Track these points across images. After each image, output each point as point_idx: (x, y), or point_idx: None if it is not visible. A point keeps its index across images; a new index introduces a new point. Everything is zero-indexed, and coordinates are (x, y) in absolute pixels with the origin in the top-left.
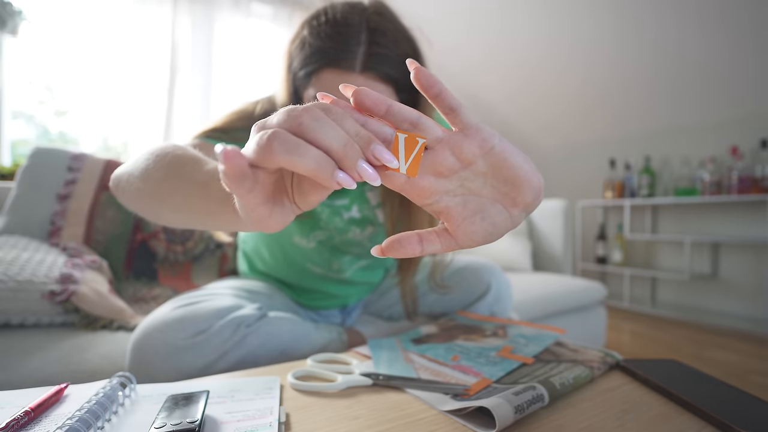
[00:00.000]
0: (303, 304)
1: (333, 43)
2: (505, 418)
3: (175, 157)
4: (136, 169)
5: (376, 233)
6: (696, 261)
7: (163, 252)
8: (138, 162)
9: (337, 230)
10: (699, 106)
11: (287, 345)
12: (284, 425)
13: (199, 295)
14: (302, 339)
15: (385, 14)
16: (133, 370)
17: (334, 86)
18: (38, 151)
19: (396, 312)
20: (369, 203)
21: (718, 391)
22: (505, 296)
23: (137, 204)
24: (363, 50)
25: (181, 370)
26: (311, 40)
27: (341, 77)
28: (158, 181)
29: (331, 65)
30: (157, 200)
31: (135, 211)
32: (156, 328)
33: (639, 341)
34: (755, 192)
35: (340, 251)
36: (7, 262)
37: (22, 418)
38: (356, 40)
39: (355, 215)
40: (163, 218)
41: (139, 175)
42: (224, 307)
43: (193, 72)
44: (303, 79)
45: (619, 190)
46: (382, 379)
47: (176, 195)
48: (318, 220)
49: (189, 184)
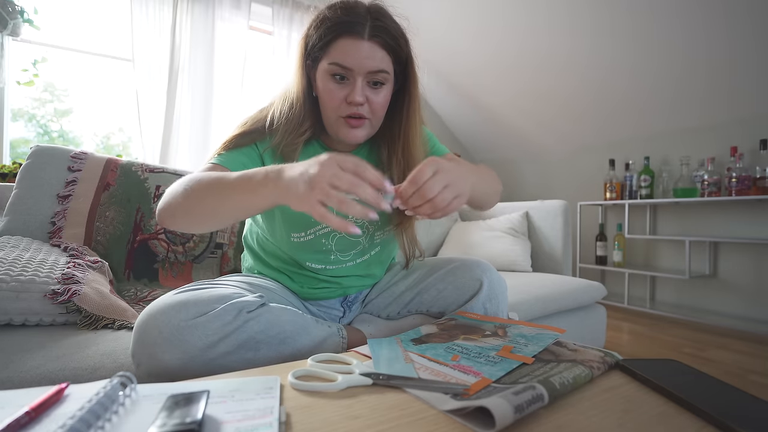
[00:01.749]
0: (305, 295)
1: (347, 17)
2: (505, 417)
3: (205, 176)
4: (177, 195)
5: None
6: (695, 261)
7: (164, 252)
8: (176, 192)
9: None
10: (699, 106)
11: (288, 334)
12: (284, 425)
13: (201, 283)
14: (302, 330)
15: (382, 4)
16: (136, 352)
17: (348, 50)
18: (39, 150)
19: (393, 311)
20: None
21: (717, 391)
22: (499, 294)
23: (184, 221)
24: (369, 23)
25: (183, 350)
26: (330, 15)
27: (353, 43)
28: (199, 194)
29: (345, 33)
30: (199, 209)
31: (183, 230)
32: (160, 311)
33: (638, 341)
34: (755, 192)
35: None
36: (9, 262)
37: (22, 418)
38: (364, 16)
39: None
40: (206, 224)
41: (182, 199)
42: (226, 294)
43: (193, 72)
44: (319, 50)
45: (619, 190)
46: (382, 379)
47: (214, 198)
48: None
49: (222, 187)
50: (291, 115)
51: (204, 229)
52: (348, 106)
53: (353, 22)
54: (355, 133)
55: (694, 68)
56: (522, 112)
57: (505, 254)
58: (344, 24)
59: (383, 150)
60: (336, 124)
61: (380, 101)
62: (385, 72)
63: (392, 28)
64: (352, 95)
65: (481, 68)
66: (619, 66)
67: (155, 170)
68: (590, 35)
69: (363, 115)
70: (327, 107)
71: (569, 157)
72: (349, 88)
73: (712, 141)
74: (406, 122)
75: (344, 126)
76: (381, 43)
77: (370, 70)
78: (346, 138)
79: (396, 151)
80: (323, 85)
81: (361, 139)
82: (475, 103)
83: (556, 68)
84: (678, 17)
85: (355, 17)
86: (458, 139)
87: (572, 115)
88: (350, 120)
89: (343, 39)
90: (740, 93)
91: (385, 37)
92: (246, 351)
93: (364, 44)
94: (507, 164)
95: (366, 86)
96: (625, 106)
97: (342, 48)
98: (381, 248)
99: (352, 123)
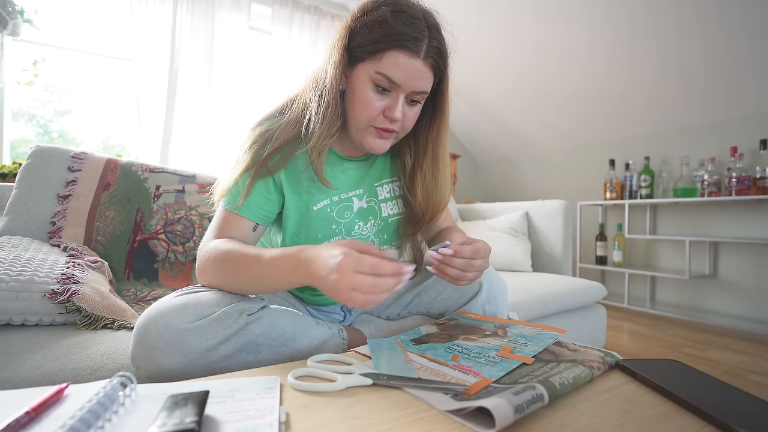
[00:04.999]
0: (306, 299)
1: (408, 29)
2: (505, 417)
3: (231, 256)
4: (208, 272)
5: (379, 229)
6: (695, 261)
7: (164, 252)
8: (206, 268)
9: (345, 228)
10: (699, 106)
11: (288, 336)
12: (284, 425)
13: (201, 286)
14: (303, 332)
15: (439, 19)
16: (136, 355)
17: (401, 66)
18: (39, 150)
19: (393, 312)
20: (377, 196)
21: (717, 391)
22: (498, 296)
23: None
24: (426, 41)
25: (184, 353)
26: (391, 21)
27: (408, 61)
28: (227, 279)
29: (402, 47)
30: (231, 288)
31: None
32: (159, 313)
33: (638, 341)
34: (755, 192)
35: None
36: (9, 262)
37: (22, 418)
38: (423, 32)
39: (363, 205)
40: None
41: (213, 278)
42: (227, 296)
43: (193, 72)
44: (368, 53)
45: (619, 190)
46: (382, 379)
47: (245, 284)
48: (330, 223)
49: (251, 277)
50: (327, 114)
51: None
52: (384, 119)
53: (414, 38)
54: (381, 144)
55: (695, 68)
56: (522, 112)
57: (505, 254)
58: (404, 37)
59: (407, 158)
60: (365, 132)
61: (412, 117)
62: (426, 93)
63: (443, 47)
64: (392, 111)
65: (481, 68)
66: (619, 66)
67: (155, 170)
68: (590, 35)
69: (395, 129)
70: (361, 115)
71: (569, 157)
72: (390, 102)
73: (712, 141)
74: (436, 137)
75: (373, 135)
76: (432, 64)
77: (415, 90)
78: (372, 148)
79: (422, 163)
80: (362, 91)
81: (386, 149)
82: (475, 103)
83: (556, 68)
84: (678, 17)
85: (417, 32)
86: (458, 139)
87: (572, 115)
88: (381, 131)
89: (399, 52)
90: (740, 92)
91: (437, 58)
92: (247, 354)
93: (418, 63)
94: (507, 164)
95: (404, 102)
96: (625, 105)
97: (395, 61)
98: None
99: (383, 135)
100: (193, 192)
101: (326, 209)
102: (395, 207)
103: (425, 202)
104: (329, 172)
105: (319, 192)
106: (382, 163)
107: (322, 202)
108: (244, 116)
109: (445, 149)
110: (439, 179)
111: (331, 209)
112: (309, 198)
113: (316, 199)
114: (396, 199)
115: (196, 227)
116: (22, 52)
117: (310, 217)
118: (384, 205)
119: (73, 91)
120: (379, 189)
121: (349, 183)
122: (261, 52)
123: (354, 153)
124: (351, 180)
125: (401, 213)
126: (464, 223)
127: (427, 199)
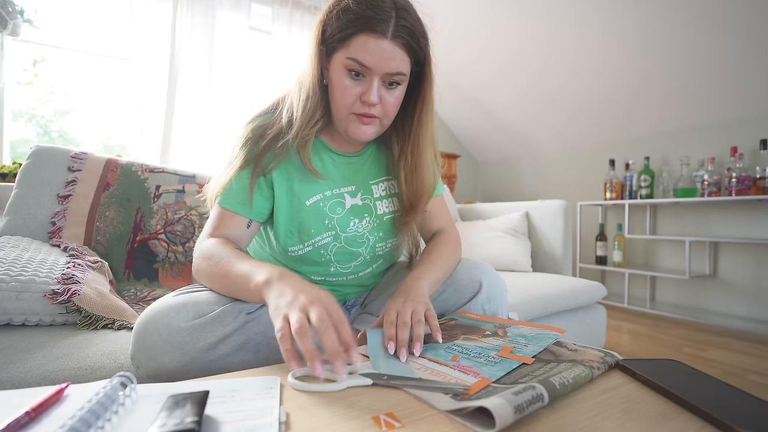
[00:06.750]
0: None
1: (371, 12)
2: (505, 417)
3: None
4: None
5: (374, 226)
6: (695, 261)
7: (164, 252)
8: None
9: (339, 224)
10: (699, 106)
11: None
12: (284, 425)
13: (200, 286)
14: None
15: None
16: (136, 354)
17: (369, 49)
18: (39, 150)
19: None
20: (372, 194)
21: (717, 390)
22: (498, 296)
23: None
24: (393, 21)
25: (183, 352)
26: (354, 7)
27: (375, 42)
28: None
29: (368, 29)
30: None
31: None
32: (159, 312)
33: (638, 341)
34: (755, 192)
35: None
36: (9, 262)
37: (22, 418)
38: (389, 13)
39: (358, 202)
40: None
41: (205, 278)
42: (225, 295)
43: (193, 72)
44: (338, 42)
45: (619, 190)
46: (382, 379)
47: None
48: (323, 218)
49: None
50: (306, 105)
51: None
52: (362, 105)
53: (377, 19)
54: (365, 129)
55: (695, 68)
56: (522, 112)
57: (505, 254)
58: (368, 19)
59: (395, 147)
60: (347, 120)
61: (393, 102)
62: (402, 74)
63: (415, 27)
64: (367, 95)
65: (481, 68)
66: (619, 66)
67: (155, 170)
68: (590, 35)
69: (374, 114)
70: (339, 102)
71: (569, 156)
72: (365, 86)
73: (712, 141)
74: (417, 123)
75: (355, 122)
76: (403, 44)
77: (388, 71)
78: (356, 135)
79: (405, 149)
80: (337, 79)
81: (371, 136)
82: (475, 102)
83: (556, 68)
84: (678, 16)
85: (380, 13)
86: (458, 139)
87: (572, 115)
88: (362, 117)
89: (365, 35)
90: (740, 93)
91: (408, 38)
92: (246, 352)
93: (386, 44)
94: (507, 164)
95: (381, 86)
96: (626, 106)
97: (362, 45)
98: (383, 261)
99: (364, 120)
100: (193, 192)
101: (319, 204)
102: (391, 205)
103: (407, 187)
104: (320, 165)
105: (311, 187)
106: (377, 160)
107: (315, 197)
108: (244, 116)
109: (427, 133)
110: (419, 164)
111: (324, 204)
112: (301, 193)
113: (309, 194)
114: (391, 197)
115: (196, 227)
116: (22, 52)
117: (303, 211)
118: (379, 202)
119: (73, 91)
120: (374, 187)
121: (341, 177)
122: (261, 52)
123: (347, 148)
124: (343, 174)
125: (397, 210)
126: (464, 223)
127: (409, 184)
